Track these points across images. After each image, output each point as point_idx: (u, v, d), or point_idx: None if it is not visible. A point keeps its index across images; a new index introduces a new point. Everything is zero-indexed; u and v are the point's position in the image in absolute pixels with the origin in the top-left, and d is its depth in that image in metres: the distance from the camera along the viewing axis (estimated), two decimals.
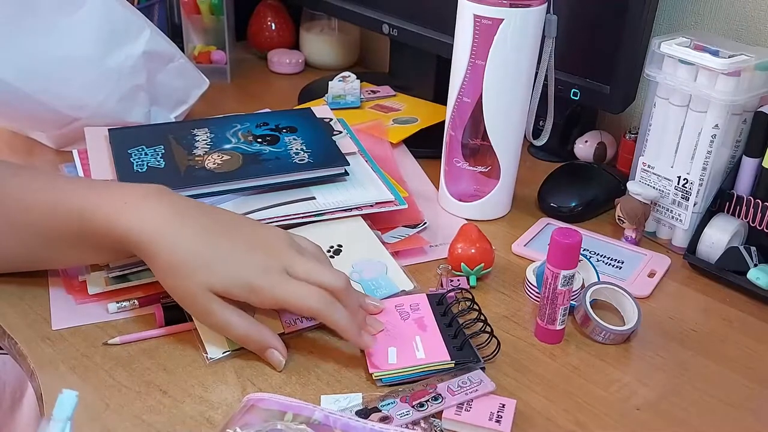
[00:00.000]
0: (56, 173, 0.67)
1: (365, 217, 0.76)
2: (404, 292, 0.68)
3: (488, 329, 0.63)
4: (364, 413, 0.54)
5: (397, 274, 0.70)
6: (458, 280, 0.70)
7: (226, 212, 0.65)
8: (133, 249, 0.60)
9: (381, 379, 0.59)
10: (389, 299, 0.67)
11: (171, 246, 0.58)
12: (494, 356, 0.62)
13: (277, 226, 0.72)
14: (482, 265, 0.70)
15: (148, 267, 0.61)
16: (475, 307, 0.65)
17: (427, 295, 0.67)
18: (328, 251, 0.71)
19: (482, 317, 0.64)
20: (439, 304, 0.66)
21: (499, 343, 0.62)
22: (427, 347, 0.61)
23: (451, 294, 0.67)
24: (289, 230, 0.72)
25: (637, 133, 0.84)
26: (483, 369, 0.60)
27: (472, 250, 0.70)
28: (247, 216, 0.72)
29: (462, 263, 0.70)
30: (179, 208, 0.61)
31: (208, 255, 0.58)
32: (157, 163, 0.77)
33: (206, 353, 0.60)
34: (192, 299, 0.58)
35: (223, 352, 0.60)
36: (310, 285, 0.59)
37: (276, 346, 0.60)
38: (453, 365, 0.59)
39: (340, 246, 0.72)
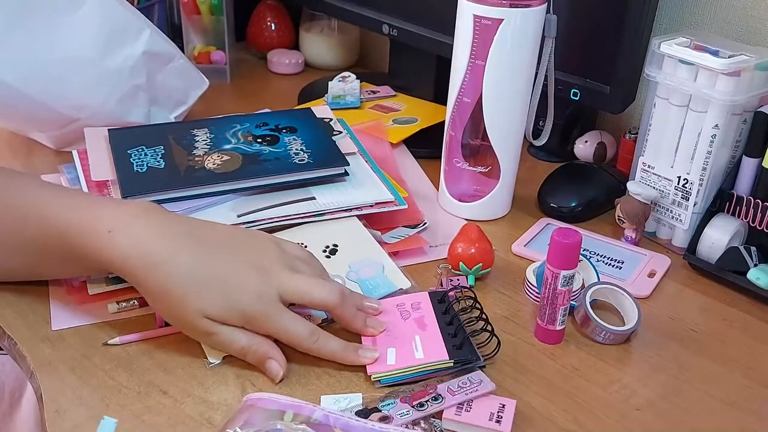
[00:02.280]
0: (47, 185, 0.65)
1: (365, 217, 0.76)
2: (402, 291, 0.68)
3: (489, 328, 0.63)
4: (364, 413, 0.54)
5: (394, 273, 0.70)
6: (458, 280, 0.70)
7: (213, 227, 0.63)
8: (123, 275, 0.59)
9: (380, 380, 0.59)
10: (391, 298, 0.67)
11: (160, 276, 0.57)
12: (494, 355, 0.62)
13: (277, 226, 0.72)
14: (480, 264, 0.70)
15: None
16: (477, 306, 0.65)
17: (429, 293, 0.67)
18: (324, 251, 0.71)
19: (483, 316, 0.64)
20: (440, 302, 0.66)
21: (499, 343, 0.62)
22: (426, 347, 0.61)
23: (453, 292, 0.67)
24: (287, 230, 0.73)
25: (637, 133, 0.84)
26: (483, 368, 0.60)
27: (472, 250, 0.70)
28: (246, 215, 0.72)
29: (461, 262, 0.70)
30: (166, 231, 0.59)
31: (199, 283, 0.58)
32: (157, 164, 0.77)
33: (207, 358, 0.60)
34: (187, 325, 0.58)
35: (224, 356, 0.60)
36: (302, 321, 0.60)
37: (275, 357, 0.59)
38: (452, 364, 0.59)
39: (335, 246, 0.72)
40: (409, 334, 0.63)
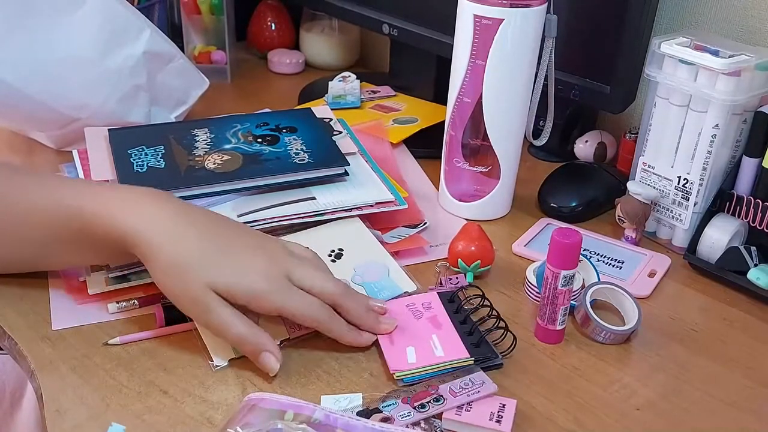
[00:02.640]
0: (54, 174, 0.67)
1: (365, 217, 0.76)
2: (407, 294, 0.68)
3: (502, 324, 0.63)
4: (365, 414, 0.54)
5: (400, 276, 0.70)
6: (456, 278, 0.70)
7: (224, 217, 0.65)
8: (133, 249, 0.59)
9: (402, 379, 0.59)
10: (401, 299, 0.67)
11: (173, 244, 0.58)
12: (511, 351, 0.62)
13: (277, 226, 0.72)
14: (479, 262, 0.70)
15: (146, 268, 0.60)
16: (486, 303, 0.66)
17: (438, 293, 0.68)
18: (329, 255, 0.71)
19: (494, 312, 0.64)
20: (450, 301, 0.67)
21: (515, 338, 0.63)
22: (444, 345, 0.61)
23: (461, 292, 0.67)
24: (291, 234, 0.73)
25: (637, 133, 0.84)
26: (501, 365, 0.61)
27: (472, 248, 0.71)
28: (246, 215, 0.72)
29: (459, 260, 0.71)
30: (179, 209, 0.61)
31: (211, 254, 0.58)
32: (157, 163, 0.77)
33: (212, 361, 0.60)
34: (192, 298, 0.58)
35: (229, 360, 0.60)
36: (310, 296, 0.60)
37: (271, 350, 0.59)
38: (473, 362, 0.60)
39: (341, 250, 0.72)
40: (426, 333, 0.63)
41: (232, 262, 0.59)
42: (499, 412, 0.55)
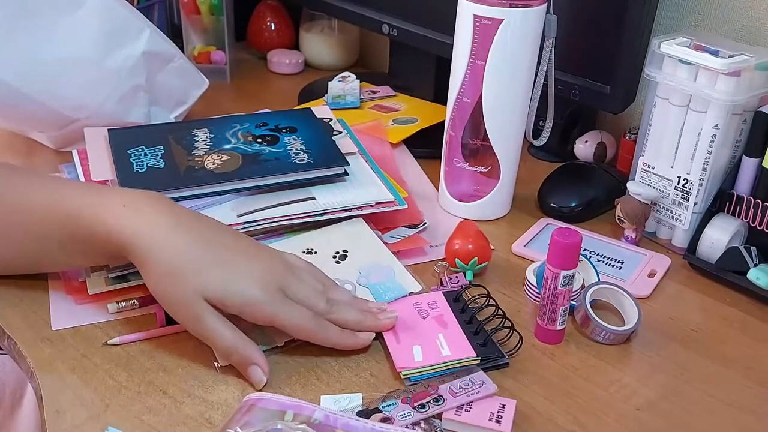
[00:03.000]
0: (53, 176, 0.67)
1: (365, 218, 0.76)
2: (412, 294, 0.68)
3: (508, 324, 0.63)
4: (365, 414, 0.54)
5: (405, 277, 0.70)
6: (456, 277, 0.70)
7: (222, 225, 0.64)
8: (128, 253, 0.59)
9: (409, 378, 0.59)
10: (407, 298, 0.67)
11: (169, 249, 0.58)
12: (517, 350, 0.62)
13: (277, 226, 0.72)
14: (476, 259, 0.70)
15: (140, 272, 0.59)
16: (492, 302, 0.66)
17: (443, 293, 0.68)
18: (334, 257, 0.71)
19: (500, 312, 0.65)
20: (456, 301, 0.67)
21: (521, 337, 0.63)
22: (451, 344, 0.62)
23: (467, 291, 0.68)
24: (296, 235, 0.73)
25: (637, 133, 0.84)
26: (507, 365, 0.61)
27: (468, 246, 0.71)
28: (246, 215, 0.72)
29: (456, 258, 0.71)
30: (178, 215, 0.60)
31: (206, 261, 0.58)
32: (157, 164, 0.77)
33: (216, 362, 0.60)
34: (183, 304, 0.58)
35: None
36: (303, 308, 0.59)
37: (260, 363, 0.58)
38: (479, 361, 0.60)
39: (345, 252, 0.72)
40: (432, 333, 0.63)
41: (227, 270, 0.58)
42: (498, 412, 0.55)
